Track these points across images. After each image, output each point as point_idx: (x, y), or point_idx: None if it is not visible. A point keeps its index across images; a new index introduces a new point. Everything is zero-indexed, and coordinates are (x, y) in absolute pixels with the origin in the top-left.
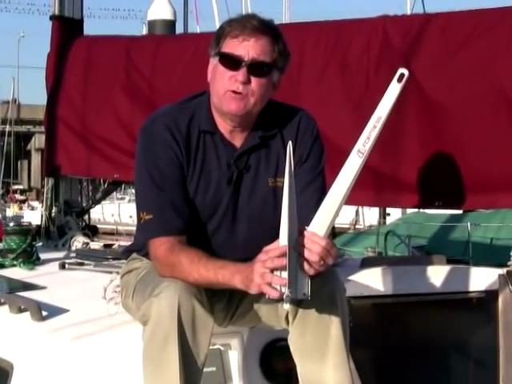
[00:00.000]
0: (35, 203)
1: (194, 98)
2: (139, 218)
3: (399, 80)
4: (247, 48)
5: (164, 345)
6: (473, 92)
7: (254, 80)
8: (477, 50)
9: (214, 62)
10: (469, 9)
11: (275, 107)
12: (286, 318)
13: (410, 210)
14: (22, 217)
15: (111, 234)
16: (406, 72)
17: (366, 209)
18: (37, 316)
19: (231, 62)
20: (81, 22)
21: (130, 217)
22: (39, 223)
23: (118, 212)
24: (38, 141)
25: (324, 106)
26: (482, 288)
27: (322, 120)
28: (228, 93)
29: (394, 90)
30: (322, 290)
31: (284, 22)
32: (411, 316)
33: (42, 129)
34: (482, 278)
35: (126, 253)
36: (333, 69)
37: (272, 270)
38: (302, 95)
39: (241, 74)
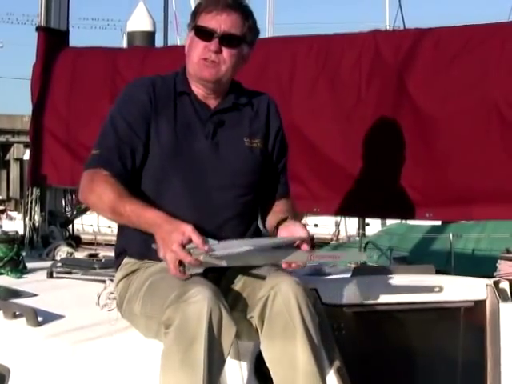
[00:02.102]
0: (14, 213)
1: (168, 73)
2: (91, 154)
3: None
4: (219, 22)
5: (190, 347)
6: (464, 106)
7: (225, 50)
8: (467, 65)
9: (190, 35)
10: (448, 25)
11: (242, 86)
12: (256, 329)
13: (391, 221)
14: (1, 227)
15: (90, 243)
16: None
17: (346, 219)
18: (33, 321)
19: (205, 33)
20: (66, 33)
21: (109, 227)
22: (22, 233)
23: (96, 222)
24: (17, 151)
25: (315, 118)
26: (470, 298)
27: (312, 131)
28: (201, 61)
29: None
30: (278, 299)
31: (267, 36)
32: (401, 324)
33: (21, 139)
34: (469, 288)
35: (117, 259)
36: (324, 82)
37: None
38: (293, 107)
39: (213, 44)
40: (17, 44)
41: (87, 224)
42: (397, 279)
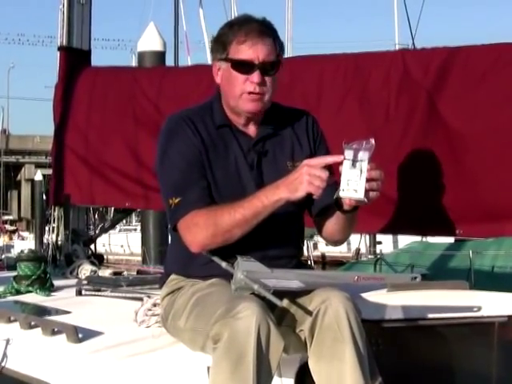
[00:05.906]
0: (25, 233)
1: (201, 104)
2: (169, 205)
3: None
4: (256, 52)
5: (239, 363)
6: (493, 124)
7: (266, 79)
8: (496, 83)
9: (222, 66)
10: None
11: (278, 105)
12: (304, 343)
13: (409, 240)
14: (13, 247)
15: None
16: None
17: (362, 238)
18: (73, 338)
19: (244, 66)
20: (89, 52)
21: (121, 246)
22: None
23: (108, 241)
24: (28, 171)
25: (343, 137)
26: (504, 313)
27: (341, 150)
28: (244, 94)
29: None
30: (329, 313)
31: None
32: (437, 339)
33: (32, 159)
34: (503, 303)
35: (164, 277)
36: (351, 100)
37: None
38: (320, 125)
39: (255, 77)
40: (28, 65)
41: (99, 243)
42: (432, 295)
